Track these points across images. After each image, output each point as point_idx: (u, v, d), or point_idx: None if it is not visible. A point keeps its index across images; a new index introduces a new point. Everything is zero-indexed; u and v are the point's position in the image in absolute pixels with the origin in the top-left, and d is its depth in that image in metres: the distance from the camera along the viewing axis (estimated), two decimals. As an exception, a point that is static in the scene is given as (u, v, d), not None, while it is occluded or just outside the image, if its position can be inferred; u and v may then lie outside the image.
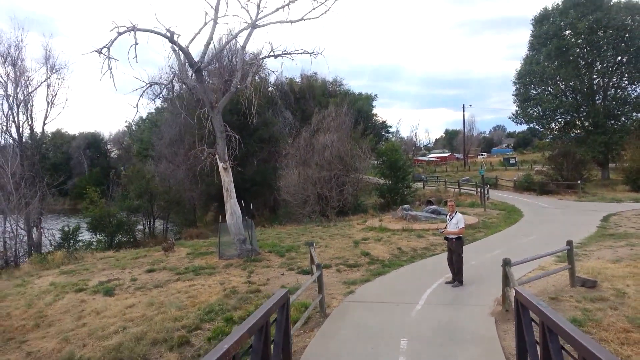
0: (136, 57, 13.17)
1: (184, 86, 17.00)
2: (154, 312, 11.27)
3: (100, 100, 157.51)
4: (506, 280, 8.98)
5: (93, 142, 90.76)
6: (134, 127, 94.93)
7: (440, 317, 9.17)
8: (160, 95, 20.33)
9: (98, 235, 23.33)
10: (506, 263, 9.02)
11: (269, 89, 36.29)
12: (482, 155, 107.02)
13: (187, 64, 14.93)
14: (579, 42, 43.09)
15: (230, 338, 4.68)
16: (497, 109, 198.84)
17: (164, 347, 9.46)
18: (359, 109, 45.37)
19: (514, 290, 6.78)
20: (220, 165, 15.14)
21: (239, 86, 15.27)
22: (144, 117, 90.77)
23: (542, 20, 44.88)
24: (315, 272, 9.70)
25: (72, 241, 21.84)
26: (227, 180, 15.22)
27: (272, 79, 37.14)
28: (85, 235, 23.90)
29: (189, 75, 14.96)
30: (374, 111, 55.97)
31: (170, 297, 12.20)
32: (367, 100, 53.39)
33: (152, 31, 13.10)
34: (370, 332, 8.59)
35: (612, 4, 42.67)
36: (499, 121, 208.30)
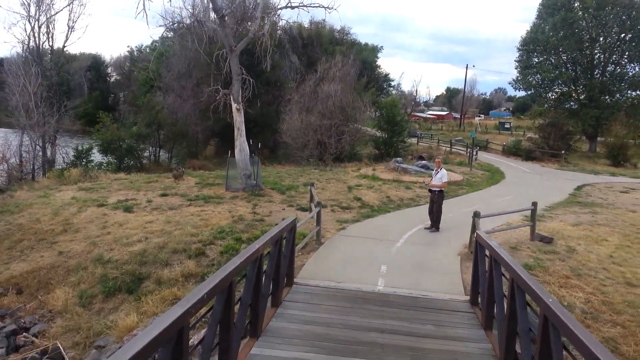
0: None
1: (199, 25, 17.98)
2: (172, 228, 13.03)
3: (101, 22, 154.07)
4: (474, 228, 10.73)
5: (94, 65, 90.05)
6: (135, 54, 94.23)
7: (416, 253, 11.00)
8: (176, 28, 21.10)
9: (108, 158, 24.81)
10: (476, 215, 10.77)
11: (278, 31, 36.80)
12: (479, 117, 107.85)
13: (211, 8, 15.96)
14: (585, 15, 43.62)
15: (259, 241, 6.36)
16: (500, 72, 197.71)
17: (183, 255, 11.25)
18: (364, 59, 46.03)
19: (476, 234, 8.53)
20: (234, 106, 16.49)
21: (256, 33, 16.39)
22: (145, 45, 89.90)
23: (553, -10, 45.08)
24: (314, 208, 11.40)
25: (84, 160, 23.34)
26: (239, 120, 16.62)
27: (281, 22, 37.58)
28: (96, 157, 25.37)
29: (210, 18, 16.01)
30: (378, 62, 56.59)
31: (184, 218, 13.93)
32: (372, 52, 53.87)
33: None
34: (357, 258, 10.40)
35: (623, -20, 42.90)
36: (501, 84, 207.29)
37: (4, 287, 11.58)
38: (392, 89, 61.82)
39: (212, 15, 15.97)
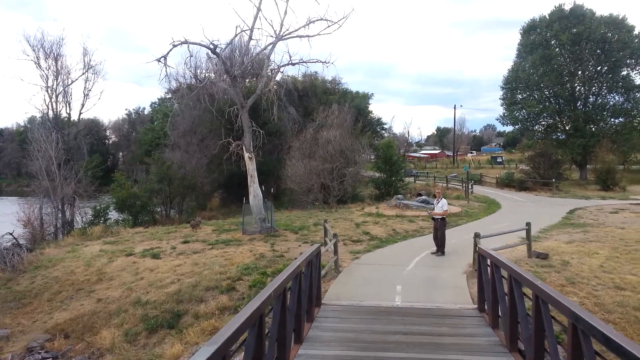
0: (190, 64, 15.91)
1: (210, 86, 19.74)
2: (200, 269, 14.20)
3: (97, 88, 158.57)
4: (476, 247, 11.99)
5: (93, 128, 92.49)
6: (133, 116, 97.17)
7: (426, 274, 12.20)
8: (185, 90, 22.79)
9: (124, 215, 26.07)
10: (477, 235, 12.06)
11: (274, 86, 38.99)
12: (471, 153, 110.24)
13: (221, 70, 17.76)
14: (562, 52, 46.36)
15: (298, 260, 7.64)
16: (488, 109, 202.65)
17: (215, 291, 12.39)
18: (357, 106, 48.23)
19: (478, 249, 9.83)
20: (247, 155, 17.99)
21: (263, 89, 18.13)
22: (142, 108, 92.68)
23: (529, 31, 48.05)
24: (330, 241, 12.67)
25: (102, 219, 24.59)
26: (252, 167, 18.07)
27: (277, 77, 39.84)
28: (112, 215, 26.62)
29: (222, 79, 17.77)
30: (370, 108, 58.99)
31: (210, 260, 15.10)
32: (364, 99, 56.40)
33: (199, 44, 15.95)
34: (373, 281, 11.59)
35: (594, 18, 45.86)
36: (490, 120, 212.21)
37: (51, 334, 12.59)
38: (385, 132, 64.10)
39: (223, 76, 17.67)
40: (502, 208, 25.05)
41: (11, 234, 19.17)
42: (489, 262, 8.76)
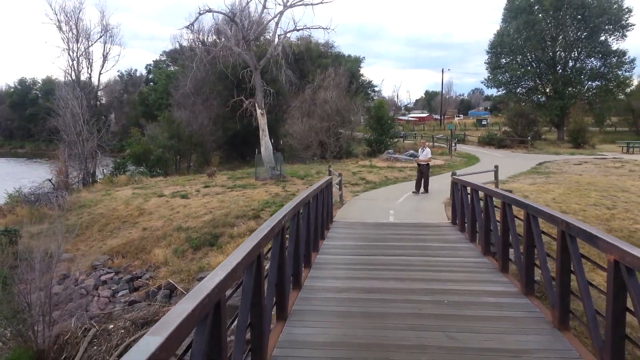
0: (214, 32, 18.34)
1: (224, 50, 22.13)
2: (227, 204, 17.12)
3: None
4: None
5: (83, 89, 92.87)
6: (125, 77, 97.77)
7: (412, 205, 15.27)
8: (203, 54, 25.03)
9: (141, 168, 28.74)
10: (453, 174, 15.05)
11: (281, 50, 41.23)
12: (459, 116, 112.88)
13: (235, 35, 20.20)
14: (545, 17, 48.74)
15: (317, 184, 10.56)
16: (476, 73, 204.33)
17: (244, 219, 15.34)
18: (349, 69, 50.56)
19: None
20: (259, 111, 20.67)
21: (272, 53, 20.67)
22: (134, 69, 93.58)
23: (515, -4, 50.21)
24: (337, 177, 15.61)
25: (122, 170, 27.26)
26: (263, 122, 20.78)
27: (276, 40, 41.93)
28: (129, 168, 29.27)
29: (238, 44, 20.23)
30: (362, 72, 61.32)
31: (232, 199, 18.01)
32: (355, 62, 58.66)
33: (221, 12, 18.37)
34: (371, 209, 14.63)
35: (575, -16, 48.09)
36: (478, 84, 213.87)
37: (108, 255, 15.53)
38: (375, 94, 66.56)
39: (242, 42, 20.07)
40: (480, 162, 28.13)
41: (50, 180, 21.79)
42: (459, 186, 11.79)
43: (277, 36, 21.30)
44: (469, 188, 10.64)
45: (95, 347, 11.55)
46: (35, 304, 11.30)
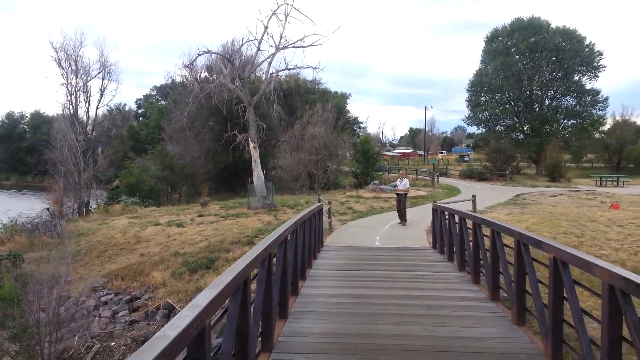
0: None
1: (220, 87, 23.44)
2: (221, 232, 18.01)
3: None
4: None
5: (72, 123, 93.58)
6: (114, 112, 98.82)
7: (397, 232, 16.37)
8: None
9: (134, 198, 29.52)
10: (434, 201, 16.23)
11: (273, 88, 42.90)
12: (442, 153, 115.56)
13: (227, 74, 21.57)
14: (521, 59, 51.44)
15: (307, 210, 11.62)
16: (458, 110, 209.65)
17: (238, 244, 16.24)
18: (336, 105, 52.36)
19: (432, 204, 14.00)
20: (252, 145, 21.84)
21: (265, 90, 22.03)
22: (123, 104, 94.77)
23: (492, 39, 53.04)
24: (326, 206, 16.68)
25: (116, 201, 28.02)
26: (256, 155, 21.92)
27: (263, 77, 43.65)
28: (122, 199, 30.04)
29: (232, 81, 21.57)
30: (348, 108, 63.33)
31: (226, 227, 18.92)
32: (342, 98, 60.70)
33: (218, 53, 19.73)
34: (359, 235, 15.68)
35: (549, 29, 51.08)
36: (461, 122, 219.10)
37: (108, 277, 16.25)
38: (361, 130, 68.48)
39: (237, 80, 21.43)
40: (461, 193, 29.46)
41: (48, 209, 22.52)
42: (438, 212, 12.95)
43: (269, 74, 22.68)
44: (447, 213, 11.79)
45: (98, 362, 12.22)
46: (43, 321, 12.00)
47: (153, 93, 75.24)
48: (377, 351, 5.44)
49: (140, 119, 68.32)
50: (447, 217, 11.66)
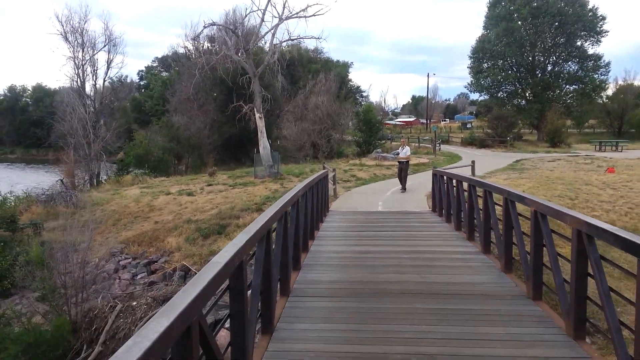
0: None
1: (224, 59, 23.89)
2: (230, 200, 18.81)
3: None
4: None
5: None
6: (116, 84, 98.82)
7: (398, 197, 17.13)
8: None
9: (143, 169, 30.29)
10: (434, 167, 16.95)
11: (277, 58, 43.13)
12: (445, 120, 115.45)
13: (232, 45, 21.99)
14: (524, 24, 51.18)
15: (314, 176, 12.35)
16: (461, 77, 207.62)
17: (248, 211, 17.05)
18: (339, 74, 52.49)
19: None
20: (257, 115, 22.43)
21: (269, 61, 22.49)
22: (125, 76, 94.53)
23: (495, 4, 52.63)
24: (331, 173, 17.41)
25: (126, 172, 28.82)
26: (261, 125, 22.53)
27: (266, 47, 43.76)
28: (130, 170, 30.82)
29: (237, 53, 22.00)
30: (350, 77, 63.25)
31: (235, 195, 19.71)
32: (344, 67, 60.59)
33: (223, 26, 20.13)
34: (362, 201, 16.46)
35: (552, -8, 50.63)
36: (464, 89, 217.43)
37: (125, 243, 17.16)
38: (363, 99, 68.58)
39: (242, 51, 21.86)
40: (462, 159, 30.12)
41: (62, 180, 23.33)
42: (437, 177, 13.67)
43: (273, 45, 23.07)
44: (445, 177, 12.51)
45: (121, 320, 13.17)
46: (69, 283, 12.94)
47: (155, 64, 75.16)
48: (378, 294, 6.26)
49: (143, 90, 68.44)
50: (445, 181, 12.37)
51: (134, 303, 13.79)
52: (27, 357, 10.80)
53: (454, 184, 11.31)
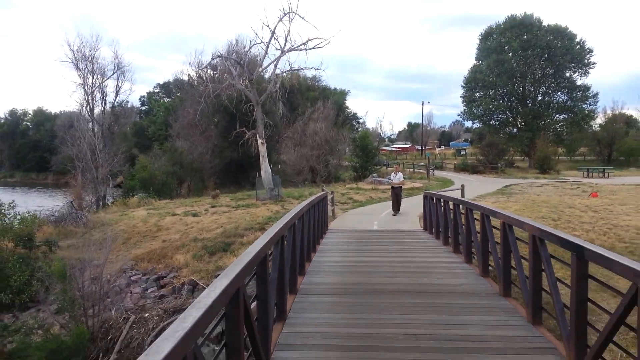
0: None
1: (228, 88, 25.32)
2: (234, 220, 19.91)
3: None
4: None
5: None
6: (117, 109, 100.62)
7: (393, 218, 18.30)
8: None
9: (148, 192, 31.39)
10: (425, 190, 18.16)
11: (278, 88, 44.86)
12: (440, 147, 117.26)
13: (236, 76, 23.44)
14: (514, 56, 53.31)
15: (313, 197, 13.54)
16: (456, 105, 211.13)
17: (251, 230, 18.13)
18: (336, 102, 54.23)
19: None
20: (259, 141, 23.71)
21: (271, 89, 23.91)
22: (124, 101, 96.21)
23: (486, 37, 54.88)
24: (330, 195, 18.59)
25: (130, 195, 29.92)
26: (263, 150, 23.78)
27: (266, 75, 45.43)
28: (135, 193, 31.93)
29: (241, 82, 23.41)
30: (347, 104, 65.21)
31: (238, 216, 20.82)
32: (341, 95, 62.61)
33: (230, 58, 21.60)
34: (359, 221, 17.60)
35: (541, 27, 52.91)
36: (458, 117, 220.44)
37: (135, 260, 18.16)
38: (360, 126, 70.40)
39: (246, 81, 23.28)
40: (454, 184, 31.40)
41: (72, 202, 24.41)
42: (428, 198, 14.87)
43: (275, 75, 24.53)
44: (434, 198, 13.72)
45: (135, 330, 14.13)
46: (86, 296, 13.93)
47: (157, 90, 77.01)
48: (373, 292, 7.38)
49: (145, 115, 70.05)
50: (434, 202, 13.57)
51: (146, 315, 14.75)
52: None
53: (442, 204, 12.49)
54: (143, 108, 77.56)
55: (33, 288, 16.11)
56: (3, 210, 18.22)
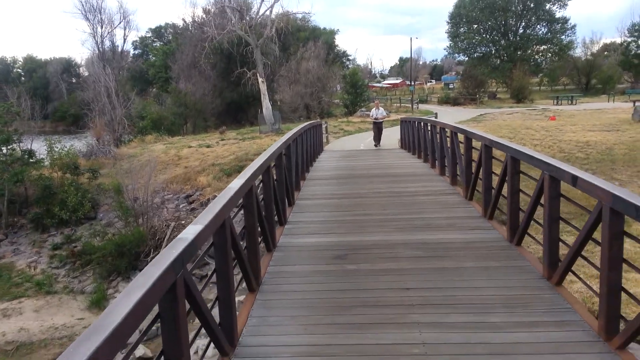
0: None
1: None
2: (244, 149, 23.51)
3: (68, 26, 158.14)
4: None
5: (67, 67, 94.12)
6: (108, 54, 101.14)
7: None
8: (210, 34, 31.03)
9: (158, 132, 34.72)
10: (402, 117, 21.73)
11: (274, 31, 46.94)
12: (430, 82, 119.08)
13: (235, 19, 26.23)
14: (497, -10, 55.27)
15: (312, 122, 17.12)
16: (447, 39, 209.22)
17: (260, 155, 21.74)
18: (325, 41, 56.48)
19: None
20: (260, 80, 26.88)
21: (268, 33, 26.83)
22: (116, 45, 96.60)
23: (470, -29, 56.47)
24: (323, 124, 22.15)
25: (144, 133, 33.27)
26: (264, 88, 27.01)
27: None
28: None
29: (238, 26, 26.23)
30: (337, 42, 67.10)
31: (246, 145, 24.38)
32: (330, 34, 64.42)
33: (232, 7, 24.41)
34: (348, 144, 21.29)
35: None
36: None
37: (164, 183, 21.89)
38: (350, 62, 72.61)
39: (245, 24, 26.10)
40: (434, 115, 34.97)
41: (98, 139, 27.82)
42: (404, 122, 18.49)
43: (270, 20, 27.35)
44: (406, 121, 17.37)
45: (176, 233, 18.05)
46: (137, 206, 17.75)
47: (149, 35, 78.21)
48: (356, 178, 11.14)
49: (137, 59, 71.79)
50: (409, 124, 17.20)
51: (183, 222, 18.66)
52: (118, 251, 15.66)
53: (415, 125, 16.11)
54: (136, 52, 78.93)
55: (86, 207, 19.91)
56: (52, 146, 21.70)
